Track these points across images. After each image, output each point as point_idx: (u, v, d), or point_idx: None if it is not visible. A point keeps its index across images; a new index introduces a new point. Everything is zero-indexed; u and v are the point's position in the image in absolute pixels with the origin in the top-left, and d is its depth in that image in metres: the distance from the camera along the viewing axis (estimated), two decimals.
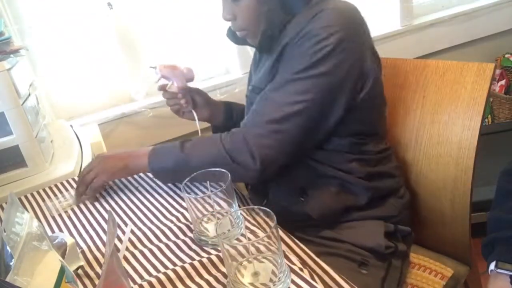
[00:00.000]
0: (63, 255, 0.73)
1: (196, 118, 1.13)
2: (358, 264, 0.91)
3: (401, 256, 0.96)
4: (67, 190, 1.05)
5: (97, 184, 0.96)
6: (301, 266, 0.68)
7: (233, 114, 1.20)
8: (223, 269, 0.70)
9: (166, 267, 0.74)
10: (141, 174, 1.07)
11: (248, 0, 0.91)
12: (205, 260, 0.73)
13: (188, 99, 1.11)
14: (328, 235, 0.94)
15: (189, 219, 0.86)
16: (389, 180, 0.98)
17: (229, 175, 0.77)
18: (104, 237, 0.86)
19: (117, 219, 0.90)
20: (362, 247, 0.92)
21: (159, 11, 1.72)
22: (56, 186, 1.07)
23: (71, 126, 1.50)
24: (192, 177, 0.79)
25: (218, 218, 0.77)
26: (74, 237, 0.86)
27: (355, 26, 0.88)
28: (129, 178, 1.06)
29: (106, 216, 0.93)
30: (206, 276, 0.70)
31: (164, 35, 1.76)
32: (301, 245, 0.76)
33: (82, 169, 1.01)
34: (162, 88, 1.10)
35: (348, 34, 0.85)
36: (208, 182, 0.82)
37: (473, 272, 1.04)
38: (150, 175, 1.06)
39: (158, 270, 0.74)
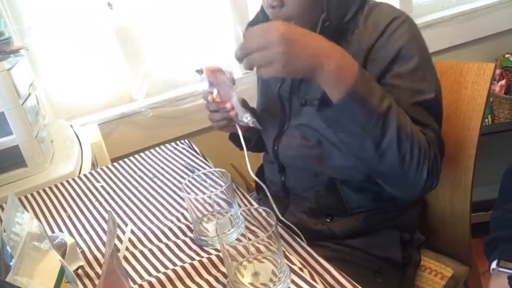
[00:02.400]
0: (63, 255, 0.73)
1: (240, 133, 0.91)
2: (373, 273, 0.90)
3: (415, 265, 0.96)
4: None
5: (265, 71, 0.67)
6: (301, 266, 0.68)
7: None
8: (223, 269, 0.70)
9: (166, 267, 0.74)
10: (141, 174, 1.07)
11: None
12: (205, 260, 0.73)
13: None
14: (343, 242, 0.93)
15: (189, 219, 0.86)
16: None
17: (229, 175, 0.77)
18: (104, 237, 0.86)
19: (117, 219, 0.90)
20: (378, 256, 0.91)
21: (159, 11, 1.72)
22: (56, 186, 1.07)
23: (71, 126, 1.50)
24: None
25: (218, 218, 0.77)
26: (74, 237, 0.86)
27: None
28: (129, 178, 1.06)
29: (106, 216, 0.93)
30: (206, 276, 0.70)
31: (164, 35, 1.76)
32: (302, 243, 0.76)
33: (252, 34, 0.68)
34: (211, 99, 0.86)
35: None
36: (208, 182, 0.82)
37: (473, 272, 1.04)
38: (150, 174, 1.06)
39: (158, 270, 0.74)
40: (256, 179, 0.92)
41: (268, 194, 0.89)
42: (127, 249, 0.81)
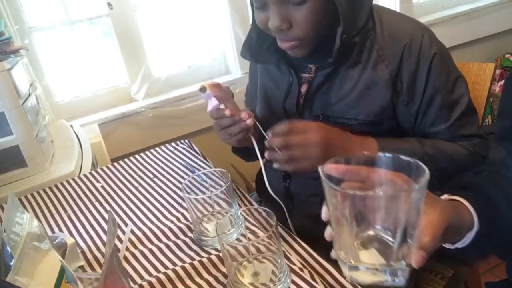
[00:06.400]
0: (63, 255, 0.73)
1: (255, 144, 0.87)
2: None
3: None
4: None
5: (298, 165, 0.78)
6: (301, 266, 0.68)
7: None
8: (223, 269, 0.70)
9: (166, 267, 0.74)
10: (141, 174, 1.07)
11: (315, 2, 0.76)
12: (205, 260, 0.73)
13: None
14: None
15: (189, 219, 0.86)
16: None
17: (229, 175, 0.77)
18: (104, 237, 0.86)
19: (117, 219, 0.90)
20: None
21: (159, 11, 1.72)
22: (56, 186, 1.07)
23: (71, 126, 1.50)
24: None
25: (218, 218, 0.77)
26: (74, 237, 0.86)
27: None
28: (129, 178, 1.06)
29: (106, 216, 0.93)
30: (206, 276, 0.70)
31: (164, 35, 1.76)
32: (303, 243, 0.75)
33: (293, 129, 0.78)
34: (229, 113, 0.82)
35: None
36: (208, 182, 0.82)
37: (473, 272, 1.04)
38: (150, 174, 1.06)
39: (158, 270, 0.74)
40: (275, 197, 0.89)
41: (283, 206, 0.89)
42: (127, 249, 0.81)
